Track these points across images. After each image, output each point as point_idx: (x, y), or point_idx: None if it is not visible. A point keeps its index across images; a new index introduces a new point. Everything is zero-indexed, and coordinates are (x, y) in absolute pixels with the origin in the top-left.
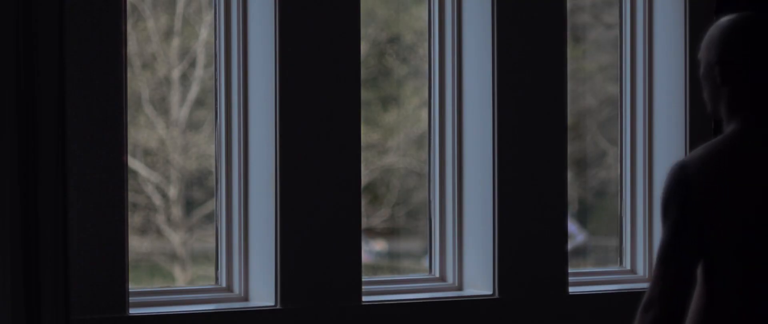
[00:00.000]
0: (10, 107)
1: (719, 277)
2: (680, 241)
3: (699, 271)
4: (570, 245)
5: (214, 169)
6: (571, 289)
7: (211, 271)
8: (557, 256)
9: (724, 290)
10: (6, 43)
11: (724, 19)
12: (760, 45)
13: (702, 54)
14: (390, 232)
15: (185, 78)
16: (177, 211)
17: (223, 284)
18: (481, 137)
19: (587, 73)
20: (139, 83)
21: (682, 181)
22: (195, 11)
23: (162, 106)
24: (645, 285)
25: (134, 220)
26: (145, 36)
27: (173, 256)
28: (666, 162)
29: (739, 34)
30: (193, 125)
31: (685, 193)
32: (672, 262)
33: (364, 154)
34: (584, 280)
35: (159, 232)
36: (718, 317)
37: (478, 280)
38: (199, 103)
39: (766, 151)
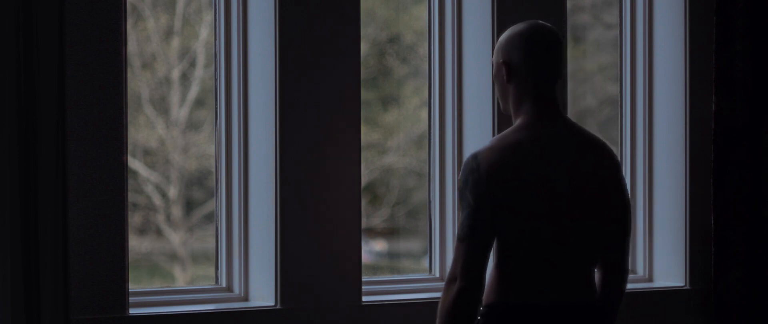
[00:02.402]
0: (10, 107)
1: (509, 253)
2: (474, 223)
3: (493, 248)
4: None
5: (214, 169)
6: None
7: (211, 271)
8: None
9: (513, 265)
10: (6, 43)
11: (513, 26)
12: (537, 49)
13: (493, 57)
14: (390, 232)
15: (185, 78)
16: (177, 211)
17: (223, 284)
18: (481, 137)
19: (587, 73)
20: (139, 83)
21: (473, 171)
22: (195, 11)
23: (162, 106)
24: (644, 285)
25: (134, 220)
26: (145, 36)
27: (173, 256)
28: (666, 162)
29: (521, 39)
30: (193, 125)
31: (476, 182)
32: (469, 242)
33: (364, 154)
34: None
35: (159, 232)
36: (507, 290)
37: None
38: (199, 103)
39: (546, 142)
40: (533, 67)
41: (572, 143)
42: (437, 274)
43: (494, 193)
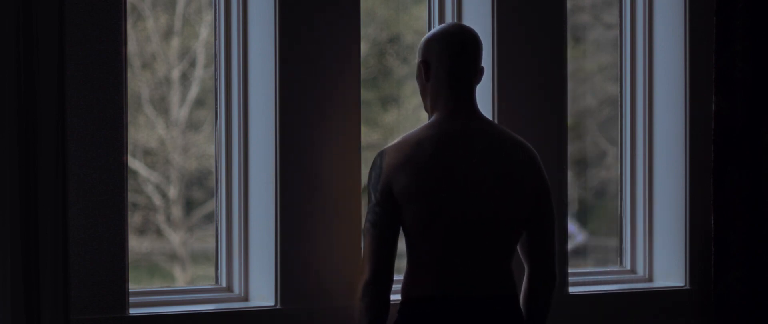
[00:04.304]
0: (10, 107)
1: (417, 249)
2: (374, 219)
3: (405, 242)
4: (570, 245)
5: (214, 169)
6: (571, 289)
7: (211, 271)
8: (557, 255)
9: (422, 260)
10: (6, 43)
11: (435, 27)
12: (452, 49)
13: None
14: None
15: (185, 78)
16: (177, 211)
17: (223, 284)
18: None
19: (587, 73)
20: (139, 83)
21: (376, 168)
22: (195, 11)
23: (162, 106)
24: (644, 285)
25: (134, 220)
26: (145, 36)
27: (173, 256)
28: (666, 162)
29: (437, 39)
30: (193, 125)
31: (376, 178)
32: (369, 237)
33: (364, 154)
34: (584, 280)
35: (159, 232)
36: (420, 281)
37: None
38: (199, 103)
39: (454, 137)
40: (448, 67)
41: (482, 139)
42: None
43: (393, 190)
